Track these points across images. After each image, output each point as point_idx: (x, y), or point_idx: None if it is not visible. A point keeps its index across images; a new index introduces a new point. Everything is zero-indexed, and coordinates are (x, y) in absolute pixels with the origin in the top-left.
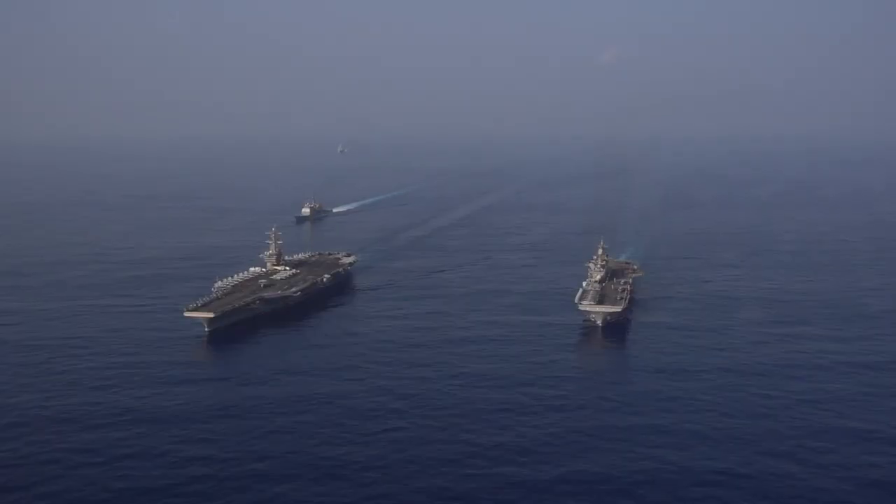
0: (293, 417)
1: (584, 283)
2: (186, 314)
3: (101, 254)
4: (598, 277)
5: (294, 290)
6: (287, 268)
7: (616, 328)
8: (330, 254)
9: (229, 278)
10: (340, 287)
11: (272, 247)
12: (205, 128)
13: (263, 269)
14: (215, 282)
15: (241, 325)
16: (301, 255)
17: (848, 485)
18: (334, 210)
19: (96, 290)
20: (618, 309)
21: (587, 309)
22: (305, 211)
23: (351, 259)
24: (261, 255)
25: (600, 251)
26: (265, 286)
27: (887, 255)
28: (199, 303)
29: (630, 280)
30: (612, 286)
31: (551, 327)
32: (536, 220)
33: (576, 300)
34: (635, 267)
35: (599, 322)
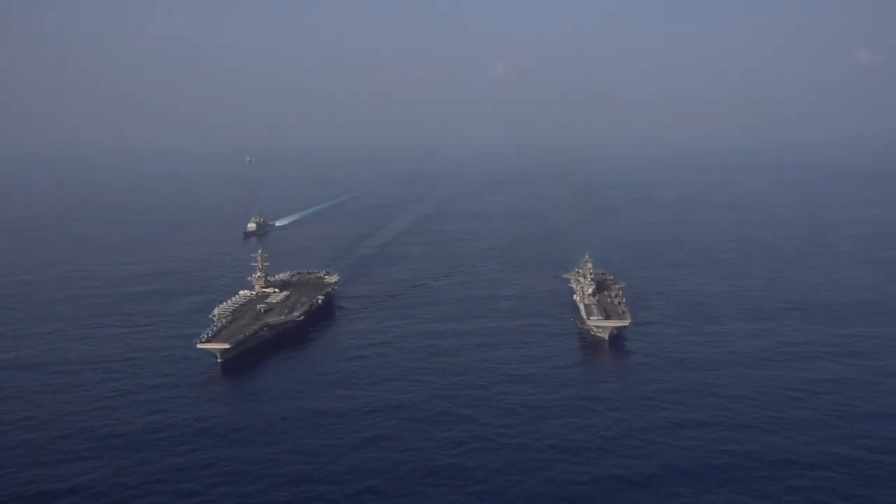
0: (372, 431)
1: (575, 297)
2: (200, 346)
3: (78, 272)
4: (591, 291)
5: (297, 314)
6: (277, 290)
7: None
8: (310, 272)
9: (225, 303)
10: (329, 305)
11: (259, 269)
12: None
13: (254, 293)
14: (214, 308)
15: (248, 350)
16: (283, 276)
17: None
18: (277, 224)
19: (92, 310)
20: (626, 323)
21: (597, 324)
22: (251, 226)
23: (335, 278)
24: (249, 278)
25: (589, 265)
26: (265, 311)
27: (810, 251)
28: (210, 333)
29: (620, 292)
30: (608, 300)
31: (555, 331)
32: (481, 229)
33: (583, 315)
34: (611, 277)
35: (606, 336)
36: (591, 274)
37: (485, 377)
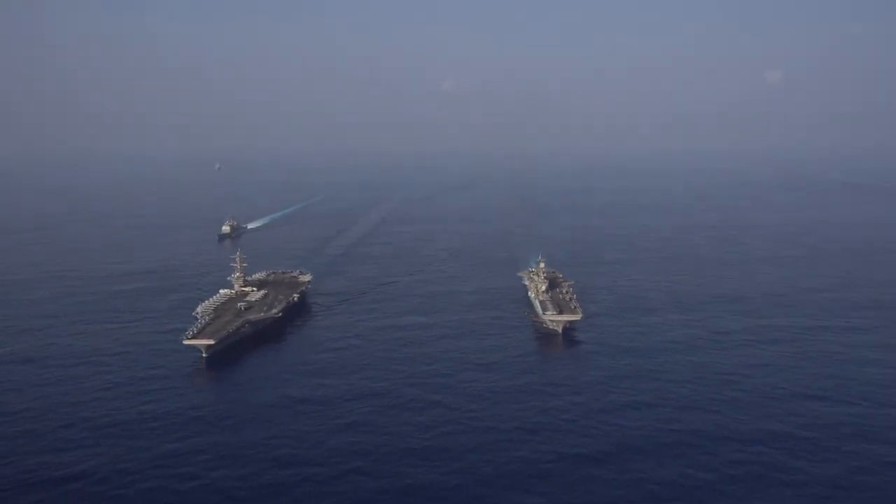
0: (351, 417)
1: (530, 294)
2: (186, 342)
3: (67, 272)
4: (544, 288)
5: (275, 311)
6: (255, 289)
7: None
8: (284, 272)
9: (207, 301)
10: (304, 302)
11: (238, 269)
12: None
13: (233, 291)
14: (197, 306)
15: (230, 345)
16: (259, 275)
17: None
18: (249, 226)
19: (81, 307)
20: (578, 317)
21: (552, 318)
22: (226, 228)
23: (308, 277)
24: (228, 278)
25: (542, 265)
26: (246, 309)
27: (727, 250)
28: (195, 330)
29: (570, 289)
30: (561, 296)
31: (514, 324)
32: (433, 231)
33: (539, 311)
34: (561, 276)
35: (560, 329)
36: (543, 273)
37: (451, 366)
